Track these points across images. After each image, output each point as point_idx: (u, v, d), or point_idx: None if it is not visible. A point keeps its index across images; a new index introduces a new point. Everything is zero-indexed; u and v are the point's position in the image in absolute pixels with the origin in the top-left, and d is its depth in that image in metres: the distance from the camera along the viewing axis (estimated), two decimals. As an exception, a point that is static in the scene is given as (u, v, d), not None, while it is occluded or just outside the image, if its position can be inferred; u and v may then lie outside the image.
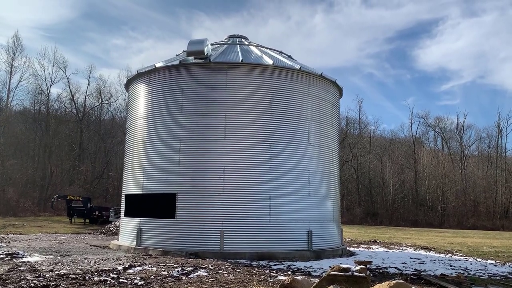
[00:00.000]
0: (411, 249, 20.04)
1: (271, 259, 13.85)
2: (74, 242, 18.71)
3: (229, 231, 14.35)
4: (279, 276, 10.21)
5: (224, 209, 14.51)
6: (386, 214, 58.75)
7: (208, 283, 8.90)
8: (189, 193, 14.83)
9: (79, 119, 54.58)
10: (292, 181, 15.28)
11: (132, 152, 16.89)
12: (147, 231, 15.30)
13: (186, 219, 14.68)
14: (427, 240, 26.67)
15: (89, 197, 37.56)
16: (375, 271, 11.91)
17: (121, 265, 11.23)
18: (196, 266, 11.51)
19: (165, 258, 13.27)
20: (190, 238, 14.47)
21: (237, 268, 11.46)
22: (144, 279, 9.11)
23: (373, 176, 64.76)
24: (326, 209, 16.37)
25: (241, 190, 14.68)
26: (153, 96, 16.36)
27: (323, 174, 16.42)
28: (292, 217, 15.05)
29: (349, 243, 21.87)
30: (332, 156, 17.27)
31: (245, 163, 14.86)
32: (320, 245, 15.55)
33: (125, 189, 17.28)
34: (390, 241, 24.83)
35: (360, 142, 65.91)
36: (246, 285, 8.81)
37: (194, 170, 14.92)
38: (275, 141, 15.24)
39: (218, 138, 14.95)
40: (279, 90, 15.66)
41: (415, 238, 29.17)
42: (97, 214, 34.48)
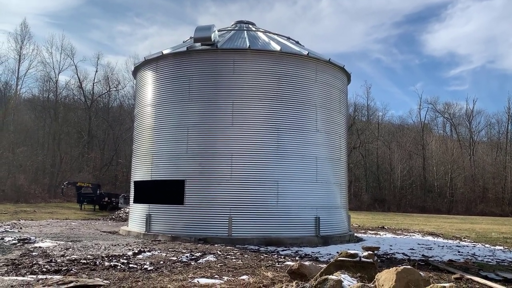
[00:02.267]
0: (418, 235, 20.06)
1: (279, 244, 13.95)
2: (84, 228, 18.97)
3: (237, 217, 14.45)
4: (287, 262, 10.28)
5: (232, 195, 14.59)
6: (394, 201, 58.69)
7: (216, 268, 9.01)
8: (197, 179, 14.92)
9: (88, 107, 54.84)
10: (300, 168, 15.28)
11: (141, 139, 16.96)
12: (156, 217, 15.45)
13: (194, 205, 14.80)
14: (435, 226, 26.65)
15: (98, 183, 37.94)
16: (383, 257, 11.96)
17: (131, 250, 11.38)
18: (205, 251, 11.63)
19: (174, 244, 13.43)
20: (199, 224, 14.60)
21: (245, 254, 11.56)
22: (153, 264, 9.24)
23: (381, 163, 64.54)
24: (333, 195, 16.39)
25: (249, 176, 14.73)
26: (160, 83, 16.35)
27: (331, 161, 16.40)
28: (299, 203, 15.10)
29: (356, 229, 21.93)
30: (340, 143, 17.22)
31: (253, 149, 14.88)
32: (328, 231, 15.62)
33: (134, 176, 17.42)
34: (398, 227, 24.85)
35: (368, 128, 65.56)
36: (254, 270, 8.90)
37: (202, 156, 14.98)
38: (283, 128, 15.21)
39: (225, 125, 14.95)
40: (287, 76, 15.57)
41: (423, 224, 29.16)
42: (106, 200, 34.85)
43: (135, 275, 7.96)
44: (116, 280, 7.50)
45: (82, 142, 53.05)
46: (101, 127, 55.82)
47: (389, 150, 64.60)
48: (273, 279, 7.72)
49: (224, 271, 8.75)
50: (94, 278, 7.59)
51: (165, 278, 7.76)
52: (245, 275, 8.25)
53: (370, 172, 63.84)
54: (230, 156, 14.78)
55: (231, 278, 7.86)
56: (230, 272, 8.66)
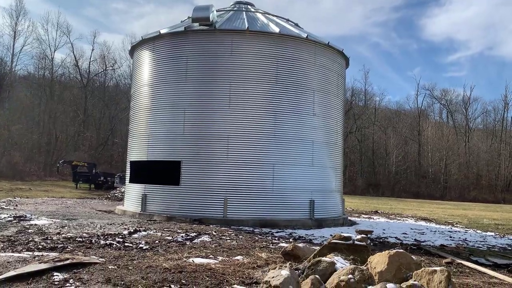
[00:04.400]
0: (411, 220, 20.27)
1: (273, 226, 14.09)
2: (80, 206, 19.04)
3: (232, 198, 14.54)
4: (281, 243, 10.40)
5: (228, 177, 14.65)
6: (388, 186, 59.15)
7: (211, 249, 9.10)
8: (193, 160, 14.94)
9: (84, 85, 54.41)
10: (296, 151, 15.33)
11: (137, 119, 16.91)
12: (152, 197, 15.52)
13: (190, 186, 14.86)
14: (428, 212, 26.93)
15: (94, 163, 37.93)
16: (376, 240, 12.11)
17: (127, 229, 11.47)
18: (200, 232, 11.73)
19: (169, 224, 13.53)
20: (194, 205, 14.68)
21: (240, 235, 11.68)
22: (149, 244, 9.32)
23: (377, 148, 64.80)
24: (328, 179, 16.49)
25: (245, 159, 14.76)
26: (157, 63, 16.22)
27: (327, 145, 16.45)
28: (295, 186, 15.19)
29: (350, 213, 22.13)
30: (337, 127, 17.24)
31: (249, 131, 14.88)
32: (322, 214, 15.76)
33: (130, 156, 17.42)
34: (391, 212, 25.09)
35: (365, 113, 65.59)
36: (249, 251, 9.00)
37: (198, 138, 14.97)
38: (280, 111, 15.19)
39: (222, 106, 14.91)
40: (285, 59, 15.47)
41: (416, 209, 29.45)
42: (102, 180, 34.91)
43: (130, 254, 8.04)
44: (111, 258, 7.57)
45: (78, 121, 52.80)
46: (97, 106, 55.51)
47: (385, 135, 64.79)
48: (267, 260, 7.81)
49: (219, 251, 8.85)
50: (90, 256, 7.66)
51: (160, 257, 7.84)
52: (240, 255, 8.34)
53: (365, 157, 64.13)
54: (226, 137, 14.78)
55: (225, 259, 7.95)
56: (225, 252, 8.76)
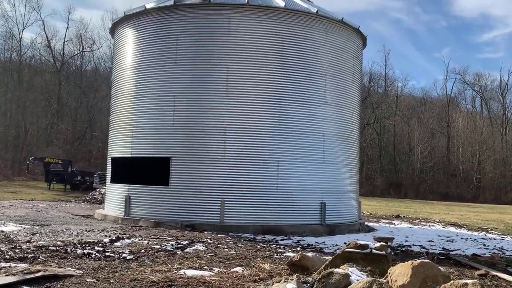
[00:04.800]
0: (439, 225, 20.33)
1: (278, 233, 14.13)
2: (54, 210, 19.09)
3: (230, 201, 14.57)
4: (286, 252, 10.43)
5: (225, 176, 14.67)
6: (412, 186, 59.22)
7: (206, 259, 9.13)
8: (185, 157, 14.96)
9: (57, 70, 54.45)
10: (304, 146, 15.33)
11: (119, 109, 16.92)
12: (137, 199, 15.57)
13: (181, 186, 14.89)
14: (458, 216, 26.97)
15: (70, 160, 38.04)
16: (397, 249, 12.13)
17: (108, 237, 11.51)
18: (193, 239, 11.78)
19: (157, 230, 13.56)
20: (186, 208, 14.72)
21: (239, 243, 11.72)
22: (133, 253, 9.35)
23: (399, 142, 64.78)
24: (342, 179, 16.51)
25: (245, 155, 14.78)
26: (143, 43, 16.19)
27: (341, 138, 16.45)
28: (303, 187, 15.21)
29: (367, 218, 22.16)
30: (352, 118, 17.22)
31: (250, 123, 14.88)
32: (335, 219, 15.79)
33: (111, 152, 17.44)
34: (416, 216, 25.13)
35: (385, 101, 65.52)
36: (249, 261, 9.03)
37: (190, 130, 14.98)
38: (286, 99, 15.18)
39: (218, 94, 14.90)
40: (292, 38, 15.43)
41: (445, 213, 29.49)
42: (79, 179, 35.03)
43: (112, 265, 8.07)
44: (90, 270, 7.60)
45: (51, 112, 52.91)
46: (73, 94, 55.57)
47: (408, 127, 64.75)
48: (271, 271, 7.84)
49: (215, 261, 8.88)
50: (65, 267, 7.69)
51: (146, 268, 7.87)
52: (239, 266, 8.38)
53: (385, 153, 64.15)
54: (223, 130, 14.78)
55: (222, 270, 7.99)
56: (222, 263, 8.79)
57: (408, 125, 65.08)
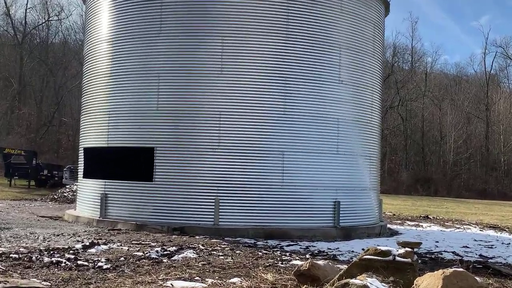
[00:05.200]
0: (476, 228, 20.40)
1: (283, 238, 14.19)
2: (15, 211, 19.15)
3: (226, 199, 14.61)
4: (293, 260, 10.47)
5: (220, 170, 14.69)
6: (444, 181, 59.31)
7: (197, 268, 9.17)
8: (172, 147, 14.98)
9: (18, 43, 54.33)
10: (315, 134, 15.34)
11: (93, 90, 16.91)
12: (115, 197, 15.61)
13: (167, 182, 14.92)
14: (499, 217, 27.03)
15: (34, 151, 38.08)
16: (426, 256, 12.20)
17: (80, 242, 11.54)
18: (182, 245, 11.82)
19: (139, 234, 13.61)
20: (174, 209, 14.77)
21: (237, 249, 11.76)
22: (111, 261, 9.39)
23: (428, 129, 64.79)
24: (360, 173, 16.55)
25: (243, 145, 14.79)
26: (120, 10, 16.14)
27: (358, 125, 16.45)
28: (313, 182, 15.24)
29: (390, 219, 22.22)
30: (372, 100, 17.21)
31: (249, 107, 14.87)
32: (351, 220, 15.85)
33: (84, 141, 17.47)
34: (448, 218, 25.20)
35: (411, 80, 65.41)
36: (249, 271, 9.07)
37: (178, 115, 14.97)
38: (292, 77, 15.15)
39: (212, 71, 14.88)
40: (300, 5, 15.37)
41: (483, 213, 29.54)
42: (45, 174, 35.10)
43: (85, 276, 8.11)
44: (59, 281, 7.64)
45: (11, 93, 52.89)
46: (37, 72, 55.51)
47: (439, 111, 64.72)
48: (275, 283, 7.89)
49: (208, 271, 8.93)
50: (29, 278, 7.73)
51: (126, 280, 7.92)
52: (237, 277, 8.42)
53: (412, 142, 64.17)
54: (217, 116, 14.78)
55: (217, 281, 8.03)
56: (216, 273, 8.84)
57: (440, 108, 65.02)
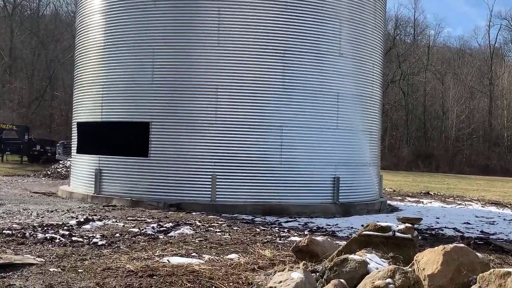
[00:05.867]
0: (477, 204, 20.53)
1: (281, 214, 14.28)
2: (8, 187, 19.20)
3: (224, 175, 14.66)
4: (291, 237, 10.55)
5: (217, 145, 14.71)
6: (445, 157, 59.48)
7: (194, 244, 9.23)
8: (167, 122, 14.98)
9: (8, 14, 53.83)
10: (314, 108, 15.33)
11: (86, 63, 16.84)
12: (110, 173, 15.66)
13: (163, 158, 14.96)
14: (501, 193, 27.18)
15: (26, 126, 38.03)
16: (426, 232, 12.28)
17: (75, 218, 11.61)
18: (178, 221, 11.90)
19: (135, 211, 13.70)
20: (170, 184, 14.83)
21: (235, 226, 11.84)
22: (106, 238, 9.44)
23: (430, 103, 64.74)
24: (360, 148, 16.60)
25: (241, 119, 14.78)
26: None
27: (359, 99, 16.44)
28: (312, 158, 15.28)
29: (390, 195, 22.34)
30: (373, 74, 17.17)
31: (247, 81, 14.82)
32: (350, 196, 15.96)
33: (77, 115, 17.45)
34: (449, 194, 25.33)
35: (414, 53, 65.15)
36: (247, 247, 9.13)
37: (174, 89, 14.94)
38: (291, 50, 15.08)
39: (208, 44, 14.81)
40: (299, -26, 15.23)
41: (485, 190, 29.69)
42: (38, 149, 35.16)
43: (80, 252, 8.15)
44: (54, 258, 7.68)
45: (2, 66, 52.56)
46: (28, 44, 55.08)
47: (442, 85, 64.59)
48: (273, 259, 7.95)
49: (205, 247, 8.98)
50: (23, 254, 7.77)
51: (122, 256, 7.96)
52: (234, 253, 8.47)
53: (413, 117, 64.17)
54: (214, 89, 14.74)
55: (214, 258, 8.08)
56: (214, 249, 8.89)
57: (442, 82, 64.89)
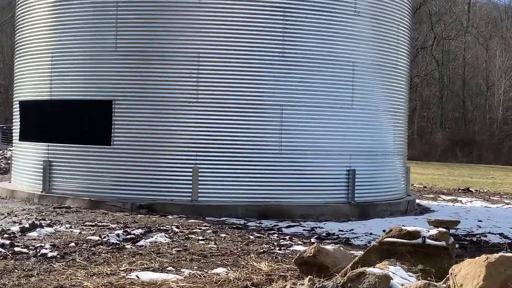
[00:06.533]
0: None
1: (281, 217, 14.28)
2: None
3: (208, 168, 14.65)
4: (294, 246, 10.54)
5: (199, 130, 14.70)
6: (490, 144, 59.53)
7: (171, 256, 9.21)
8: (136, 100, 14.94)
9: None
10: (322, 83, 15.32)
11: (30, 26, 16.79)
12: (63, 166, 15.62)
13: (131, 146, 14.94)
14: (560, 190, 27.24)
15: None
16: (465, 239, 12.33)
17: (17, 223, 11.54)
18: (151, 227, 11.86)
19: (95, 214, 13.64)
20: (139, 180, 14.82)
21: (222, 232, 11.82)
22: (58, 248, 9.40)
23: (471, 76, 64.71)
24: (381, 133, 16.65)
25: (228, 97, 14.76)
26: None
27: (380, 70, 16.44)
28: (319, 146, 15.29)
29: (420, 192, 22.38)
30: (398, 38, 17.17)
31: (236, 47, 14.79)
32: (369, 194, 16.00)
33: (19, 93, 17.41)
34: (494, 190, 25.40)
35: (450, 12, 64.96)
36: (238, 259, 9.12)
37: (144, 59, 14.91)
38: (293, 7, 15.05)
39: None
40: None
41: (539, 185, 29.73)
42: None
43: (25, 266, 8.13)
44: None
45: None
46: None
47: (486, 52, 64.50)
48: (270, 273, 7.94)
49: (184, 260, 8.98)
50: (-47, 270, 7.76)
51: (78, 271, 7.94)
52: (222, 267, 8.47)
53: (449, 93, 64.15)
54: (195, 58, 14.70)
55: (195, 273, 8.07)
56: (195, 262, 8.89)
57: (486, 49, 64.81)
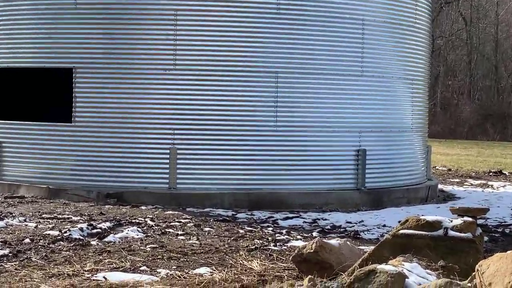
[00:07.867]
0: None
1: (277, 207, 14.35)
2: None
3: (188, 150, 14.70)
4: (293, 241, 10.61)
5: (177, 104, 14.76)
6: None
7: (145, 254, 9.24)
8: (101, 68, 14.96)
9: None
10: (326, 44, 15.35)
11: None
12: (15, 149, 15.65)
13: (96, 124, 14.97)
14: None
15: None
16: (495, 230, 12.38)
17: (-38, 217, 11.63)
18: (120, 219, 11.90)
19: (54, 204, 13.70)
20: (107, 165, 14.87)
21: (206, 225, 11.86)
22: (10, 245, 9.43)
23: (505, 36, 64.68)
24: (397, 106, 16.72)
25: (212, 63, 14.78)
26: None
27: (395, 30, 16.47)
28: (322, 122, 15.34)
29: (444, 176, 22.49)
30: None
31: (221, 2, 14.78)
32: (383, 179, 16.07)
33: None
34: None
35: (479, -40, 64.86)
36: (225, 257, 9.15)
37: (109, 17, 14.93)
38: (290, -45, 15.06)
39: None
40: None
41: None
42: None
43: (-29, 267, 8.19)
44: None
45: None
46: None
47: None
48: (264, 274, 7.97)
49: (161, 258, 9.01)
50: None
51: (35, 271, 7.97)
52: (205, 266, 8.50)
53: (479, 57, 64.15)
54: (172, 14, 14.69)
55: (174, 273, 8.11)
56: (174, 260, 8.92)
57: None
